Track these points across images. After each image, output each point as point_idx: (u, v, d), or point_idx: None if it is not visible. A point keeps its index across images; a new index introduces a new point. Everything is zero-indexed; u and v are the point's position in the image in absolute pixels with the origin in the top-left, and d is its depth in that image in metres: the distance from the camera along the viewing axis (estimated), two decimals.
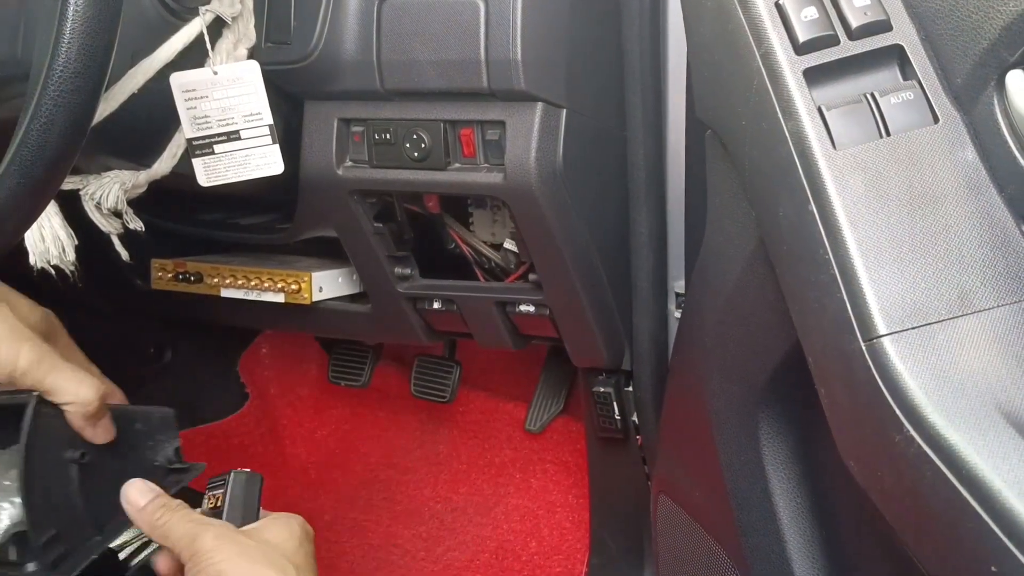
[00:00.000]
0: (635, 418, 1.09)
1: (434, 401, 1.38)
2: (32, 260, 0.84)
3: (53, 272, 0.85)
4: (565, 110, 0.86)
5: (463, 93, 0.87)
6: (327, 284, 1.12)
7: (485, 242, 1.06)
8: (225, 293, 1.14)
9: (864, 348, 0.47)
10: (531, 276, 0.99)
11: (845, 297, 0.49)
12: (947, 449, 0.42)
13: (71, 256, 0.85)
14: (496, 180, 0.87)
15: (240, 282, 1.13)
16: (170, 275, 1.18)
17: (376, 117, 0.91)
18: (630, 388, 1.09)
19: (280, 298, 1.11)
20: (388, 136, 0.91)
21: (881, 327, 0.47)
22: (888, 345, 0.47)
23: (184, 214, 1.16)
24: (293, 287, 1.10)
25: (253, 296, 1.13)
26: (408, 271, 1.03)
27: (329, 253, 1.14)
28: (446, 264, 1.07)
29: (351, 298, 1.14)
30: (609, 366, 1.06)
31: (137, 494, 0.71)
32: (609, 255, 0.98)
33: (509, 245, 1.01)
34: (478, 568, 1.30)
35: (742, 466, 0.70)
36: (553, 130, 0.86)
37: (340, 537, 1.37)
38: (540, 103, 0.85)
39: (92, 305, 1.26)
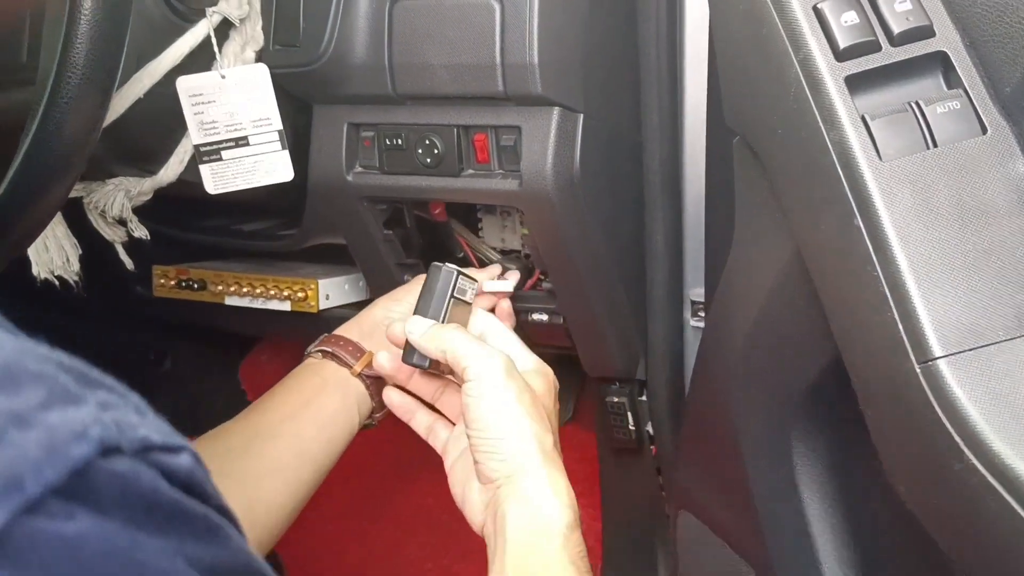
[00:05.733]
0: (649, 428, 1.07)
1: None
2: (35, 271, 0.81)
3: (56, 283, 0.83)
4: (582, 115, 0.84)
5: (477, 98, 0.84)
6: (334, 292, 1.10)
7: (494, 248, 1.04)
8: (230, 301, 1.12)
9: (919, 371, 0.45)
10: (544, 284, 0.97)
11: (897, 317, 0.47)
12: (1015, 480, 0.40)
13: (75, 266, 0.83)
14: (511, 187, 0.85)
15: (245, 290, 1.10)
16: (172, 282, 1.16)
17: (387, 122, 0.89)
18: (643, 398, 1.07)
19: (286, 306, 1.09)
20: (399, 141, 0.89)
21: (936, 349, 0.45)
22: (944, 368, 0.45)
23: (185, 220, 1.13)
24: (299, 295, 1.08)
25: (258, 304, 1.10)
26: None
27: (333, 258, 1.11)
28: None
29: (356, 305, 1.12)
30: (623, 376, 1.03)
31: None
32: (624, 263, 0.96)
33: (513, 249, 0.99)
34: None
35: (773, 485, 0.68)
36: (570, 136, 0.84)
37: (345, 547, 1.34)
38: (557, 108, 0.83)
39: (91, 311, 1.23)
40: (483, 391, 0.67)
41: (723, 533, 0.79)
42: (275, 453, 0.77)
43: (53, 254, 0.81)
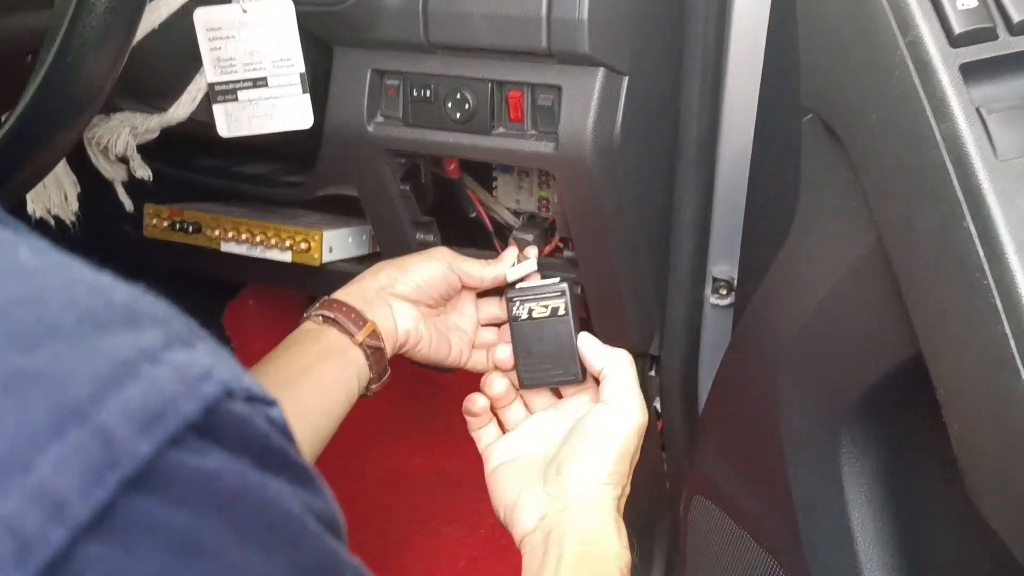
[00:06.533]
0: (657, 404, 1.04)
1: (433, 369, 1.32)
2: (30, 208, 0.75)
3: (52, 222, 0.77)
4: (627, 78, 0.79)
5: (516, 52, 0.79)
6: (338, 244, 1.05)
7: (508, 209, 0.99)
8: (226, 248, 1.06)
9: None
10: (566, 252, 0.92)
11: (1008, 331, 0.44)
12: None
13: (74, 206, 0.77)
14: (546, 150, 0.80)
15: (244, 236, 1.04)
16: (165, 223, 1.09)
17: (415, 71, 0.83)
18: (653, 373, 1.04)
19: (287, 257, 1.04)
20: (428, 93, 0.83)
21: None
22: None
23: (182, 157, 1.07)
24: (302, 246, 1.03)
25: (257, 253, 1.05)
26: (431, 238, 0.96)
27: (336, 208, 1.06)
28: (460, 232, 1.00)
29: (359, 260, 1.07)
30: (636, 349, 1.00)
31: None
32: (649, 234, 0.92)
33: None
34: (474, 544, 1.25)
35: (816, 484, 0.65)
36: (613, 99, 0.79)
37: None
38: (602, 68, 0.78)
39: (72, 249, 1.16)
40: (620, 429, 0.74)
41: (745, 523, 0.77)
42: None
43: (51, 192, 0.74)
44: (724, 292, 0.97)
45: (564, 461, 0.75)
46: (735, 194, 0.91)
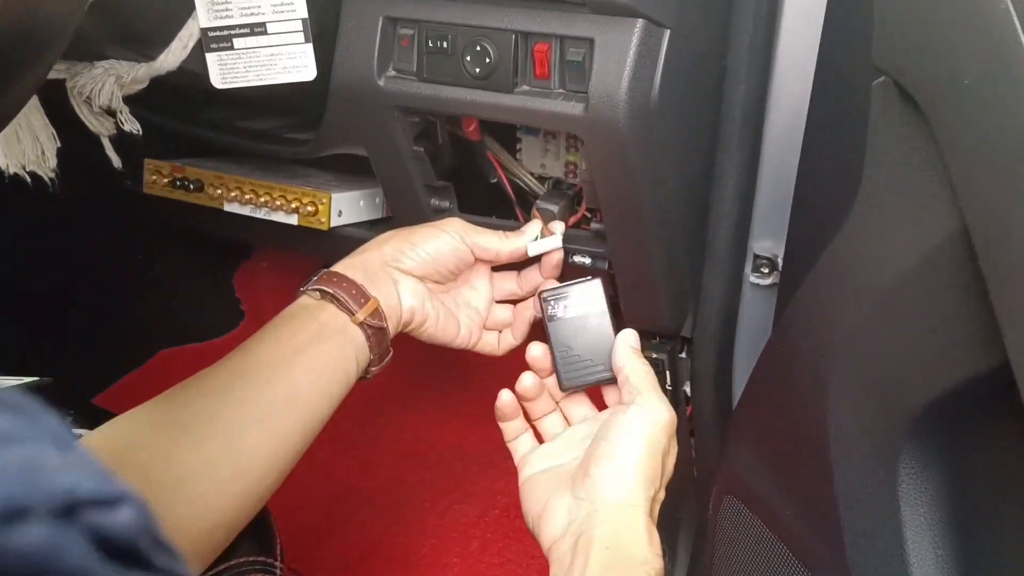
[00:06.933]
0: (687, 388, 0.97)
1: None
2: (3, 164, 0.68)
3: (28, 179, 0.70)
4: (669, 31, 0.70)
5: (544, 0, 0.70)
6: (347, 208, 0.97)
7: (532, 174, 0.91)
8: (229, 208, 0.99)
9: None
10: (594, 224, 0.84)
11: None
12: None
13: (52, 162, 0.70)
14: (574, 111, 0.72)
15: (247, 196, 0.97)
16: (165, 180, 1.02)
17: (431, 19, 0.75)
18: (683, 355, 0.96)
19: (293, 220, 0.97)
20: (444, 44, 0.75)
21: None
22: None
23: (183, 111, 0.99)
24: (309, 209, 0.95)
25: (261, 215, 0.98)
26: (447, 204, 0.88)
27: (347, 167, 0.98)
28: (479, 197, 0.92)
29: (370, 225, 1.00)
30: (667, 331, 0.92)
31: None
32: (686, 205, 0.84)
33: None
34: (487, 525, 1.19)
35: (867, 498, 0.57)
36: (652, 55, 0.70)
37: (342, 478, 1.25)
38: (641, 20, 0.69)
39: (71, 206, 1.10)
40: (643, 425, 0.69)
41: (781, 532, 0.69)
42: (263, 399, 0.66)
43: (26, 145, 0.67)
44: (766, 271, 0.89)
45: (590, 463, 0.70)
46: (785, 163, 0.82)
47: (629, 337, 0.76)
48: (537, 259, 0.82)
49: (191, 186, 1.00)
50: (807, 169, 0.73)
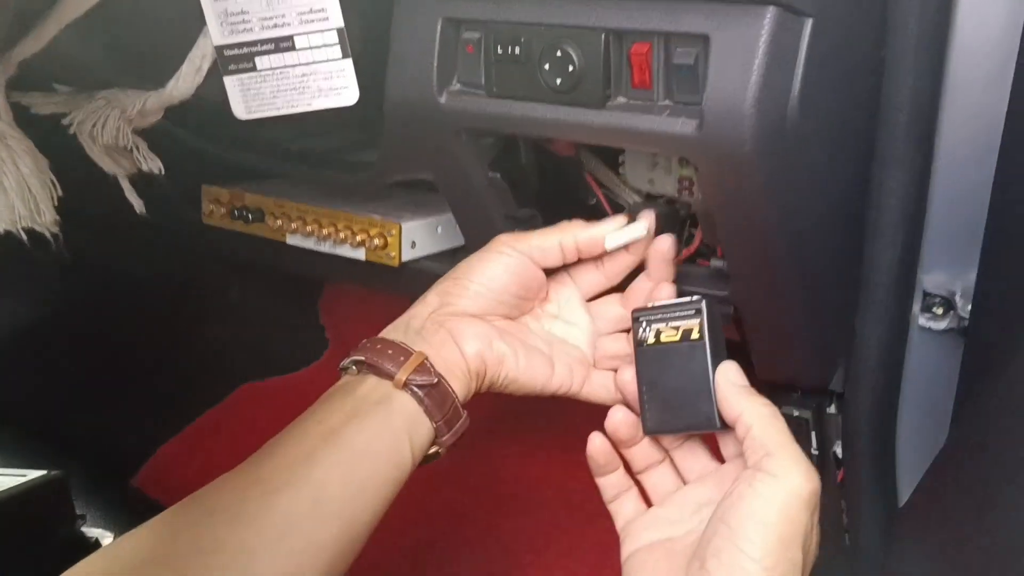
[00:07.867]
0: (837, 449, 0.79)
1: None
2: None
3: (24, 237, 0.58)
4: (811, 20, 0.52)
5: None
6: (422, 237, 0.83)
7: (639, 192, 0.75)
8: (291, 240, 0.88)
9: None
10: (714, 261, 0.67)
11: None
12: None
13: (50, 215, 0.58)
14: (685, 130, 0.55)
15: (309, 228, 0.85)
16: (224, 210, 0.91)
17: (500, 19, 0.60)
18: (833, 409, 0.78)
19: (360, 255, 0.83)
20: (517, 50, 0.59)
21: None
22: None
23: (231, 133, 0.87)
24: (376, 242, 0.82)
25: (325, 248, 0.85)
26: None
27: (424, 184, 0.84)
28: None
29: (451, 255, 0.85)
30: (811, 386, 0.75)
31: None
32: (835, 235, 0.66)
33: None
34: None
35: None
36: (789, 52, 0.53)
37: (436, 522, 1.12)
38: (772, 7, 0.51)
39: (138, 233, 1.01)
40: (775, 501, 0.54)
41: None
42: (283, 507, 0.53)
43: (15, 200, 0.56)
44: (939, 312, 0.71)
45: (707, 553, 0.54)
46: (965, 178, 0.63)
47: (731, 373, 0.59)
48: (640, 269, 0.66)
49: (250, 216, 0.89)
50: (1005, 179, 0.54)
